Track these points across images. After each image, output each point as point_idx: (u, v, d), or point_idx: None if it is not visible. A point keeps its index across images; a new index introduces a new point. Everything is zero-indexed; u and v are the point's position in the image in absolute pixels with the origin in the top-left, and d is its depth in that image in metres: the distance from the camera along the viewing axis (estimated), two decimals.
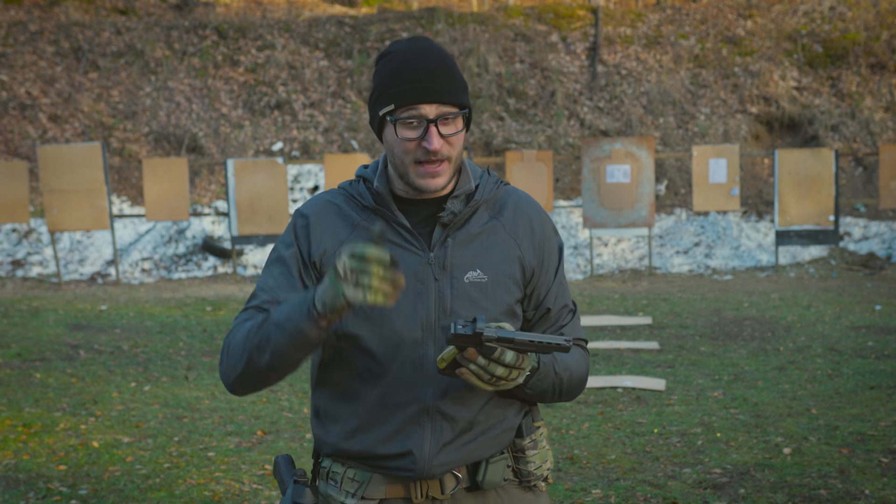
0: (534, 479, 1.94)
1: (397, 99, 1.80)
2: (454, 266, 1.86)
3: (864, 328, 8.46)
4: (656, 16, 18.12)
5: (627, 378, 6.68)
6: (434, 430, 1.83)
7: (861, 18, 17.22)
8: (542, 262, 1.95)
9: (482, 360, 1.69)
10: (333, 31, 17.75)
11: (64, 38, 17.36)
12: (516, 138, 16.05)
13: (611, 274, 13.59)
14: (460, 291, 1.86)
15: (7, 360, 7.71)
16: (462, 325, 1.66)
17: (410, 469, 1.83)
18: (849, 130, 15.92)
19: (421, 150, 1.81)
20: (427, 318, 1.84)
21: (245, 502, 4.43)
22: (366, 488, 1.86)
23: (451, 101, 1.81)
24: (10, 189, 13.17)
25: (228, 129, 16.36)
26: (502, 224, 1.93)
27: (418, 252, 1.86)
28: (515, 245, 1.92)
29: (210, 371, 7.33)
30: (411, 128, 1.81)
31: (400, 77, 1.81)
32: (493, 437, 1.89)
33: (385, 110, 1.82)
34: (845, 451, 4.87)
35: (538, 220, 1.97)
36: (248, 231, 13.25)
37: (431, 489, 1.86)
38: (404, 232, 1.87)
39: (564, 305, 1.99)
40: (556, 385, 1.88)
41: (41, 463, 5.02)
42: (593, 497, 4.36)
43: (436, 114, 1.80)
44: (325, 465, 1.92)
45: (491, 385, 1.73)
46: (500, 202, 1.95)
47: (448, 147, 1.82)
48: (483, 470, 1.88)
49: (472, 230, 1.90)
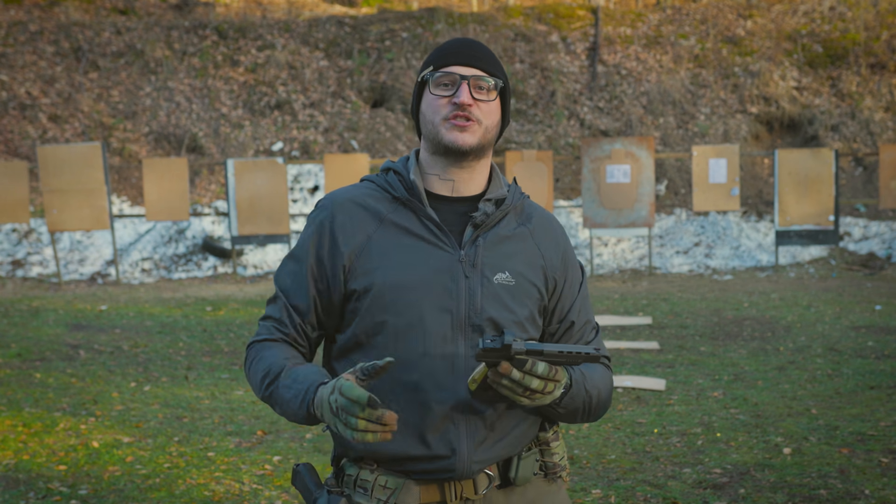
0: (558, 469, 1.95)
1: (436, 61, 1.88)
2: (484, 265, 1.86)
3: (864, 328, 8.46)
4: (656, 16, 18.12)
5: (627, 378, 6.68)
6: (469, 428, 1.82)
7: (861, 18, 17.22)
8: (567, 275, 1.97)
9: (517, 373, 1.67)
10: (333, 31, 17.76)
11: (64, 38, 17.36)
12: (516, 138, 16.05)
13: (611, 274, 13.59)
14: (490, 290, 1.86)
15: (7, 360, 7.71)
16: (490, 340, 1.65)
17: (451, 470, 1.81)
18: (849, 130, 15.92)
19: (451, 105, 1.85)
20: (458, 315, 1.83)
21: (245, 502, 4.43)
22: (398, 495, 1.83)
23: (485, 68, 1.87)
24: (10, 189, 13.17)
25: (228, 129, 16.36)
26: (530, 232, 1.94)
27: (448, 249, 1.86)
28: (540, 255, 1.93)
29: (210, 371, 7.33)
30: (444, 86, 1.86)
31: (442, 48, 1.91)
32: (522, 432, 1.89)
33: (424, 72, 1.89)
34: (845, 451, 4.87)
35: (562, 235, 2.00)
36: (248, 231, 13.25)
37: (465, 490, 1.85)
38: (434, 227, 1.87)
39: (587, 321, 2.00)
40: (586, 404, 1.88)
41: (41, 463, 5.02)
42: (593, 497, 4.36)
43: (470, 73, 1.85)
44: (352, 473, 1.88)
45: (528, 399, 1.73)
46: (527, 212, 1.98)
47: (478, 111, 1.86)
48: (515, 466, 1.88)
49: (501, 233, 1.91)
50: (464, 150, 1.85)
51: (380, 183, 1.93)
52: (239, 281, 13.44)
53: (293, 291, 1.91)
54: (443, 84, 1.86)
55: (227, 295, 11.77)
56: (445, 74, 1.85)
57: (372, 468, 1.85)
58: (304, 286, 1.89)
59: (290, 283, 1.91)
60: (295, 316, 1.91)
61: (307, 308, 1.90)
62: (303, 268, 1.90)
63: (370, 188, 1.93)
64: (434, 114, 1.86)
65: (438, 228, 1.86)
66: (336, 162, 13.52)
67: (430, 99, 1.87)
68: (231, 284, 13.09)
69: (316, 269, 1.89)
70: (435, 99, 1.86)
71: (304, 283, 1.89)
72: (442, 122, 1.85)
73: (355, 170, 13.31)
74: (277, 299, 1.93)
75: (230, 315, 10.03)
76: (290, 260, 1.93)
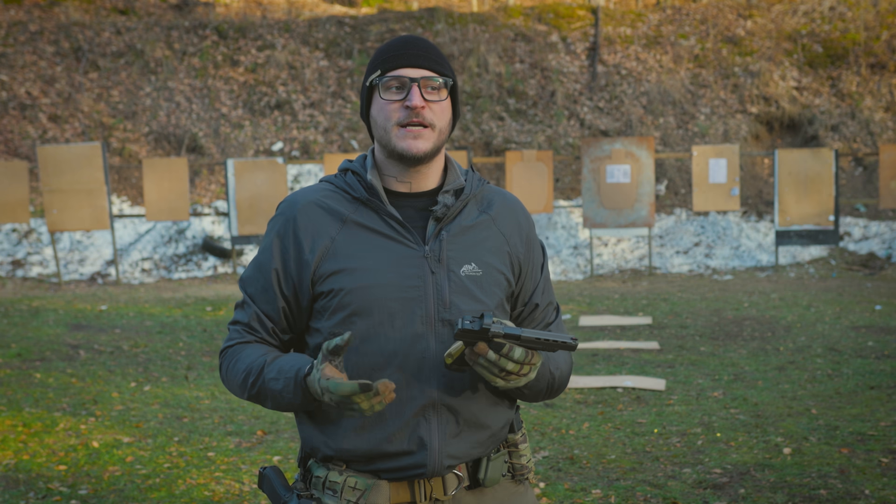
0: (525, 471, 1.96)
1: (382, 64, 1.85)
2: (450, 259, 1.86)
3: (864, 328, 8.46)
4: (656, 16, 18.13)
5: (627, 378, 6.68)
6: (441, 423, 1.83)
7: (861, 18, 17.22)
8: (530, 258, 1.97)
9: (492, 354, 1.70)
10: (333, 31, 17.76)
11: (64, 38, 17.36)
12: (516, 138, 16.05)
13: (611, 274, 13.59)
14: (457, 284, 1.86)
15: (7, 360, 7.71)
16: (469, 321, 1.68)
17: (422, 465, 1.81)
18: (849, 130, 15.92)
19: (403, 110, 1.83)
20: (427, 312, 1.83)
21: (245, 502, 4.43)
22: (368, 495, 1.83)
23: (433, 67, 1.85)
24: (10, 189, 13.17)
25: (228, 129, 16.36)
26: (492, 218, 1.94)
27: (413, 245, 1.86)
28: (504, 240, 1.93)
29: (210, 371, 7.33)
30: (395, 90, 1.84)
31: (386, 50, 1.88)
32: (493, 433, 1.89)
33: (372, 76, 1.86)
34: (845, 451, 4.87)
35: (524, 217, 1.99)
36: (247, 231, 13.26)
37: (435, 490, 1.85)
38: (396, 224, 1.86)
39: (550, 303, 2.01)
40: (549, 383, 1.90)
41: (41, 463, 5.02)
42: (593, 497, 4.36)
43: (419, 75, 1.83)
44: (320, 475, 1.86)
45: (502, 380, 1.75)
46: (487, 198, 1.97)
47: (431, 113, 1.84)
48: (485, 467, 1.88)
49: (463, 223, 1.90)
50: (418, 157, 1.84)
51: (339, 184, 1.92)
52: None
53: (260, 297, 1.90)
54: (392, 88, 1.84)
55: (227, 295, 11.77)
56: (394, 78, 1.83)
57: (340, 469, 1.85)
58: (272, 291, 1.89)
59: (256, 289, 1.91)
60: (266, 321, 1.91)
61: (276, 313, 1.90)
62: (268, 273, 1.89)
63: (330, 189, 1.92)
64: (386, 120, 1.84)
65: (401, 226, 1.86)
66: (336, 162, 13.52)
67: (380, 104, 1.85)
68: (231, 284, 13.09)
69: (282, 273, 1.88)
70: (386, 104, 1.84)
71: (270, 287, 1.89)
72: (394, 128, 1.84)
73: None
74: (246, 305, 1.92)
75: (230, 315, 10.03)
76: (255, 265, 1.92)
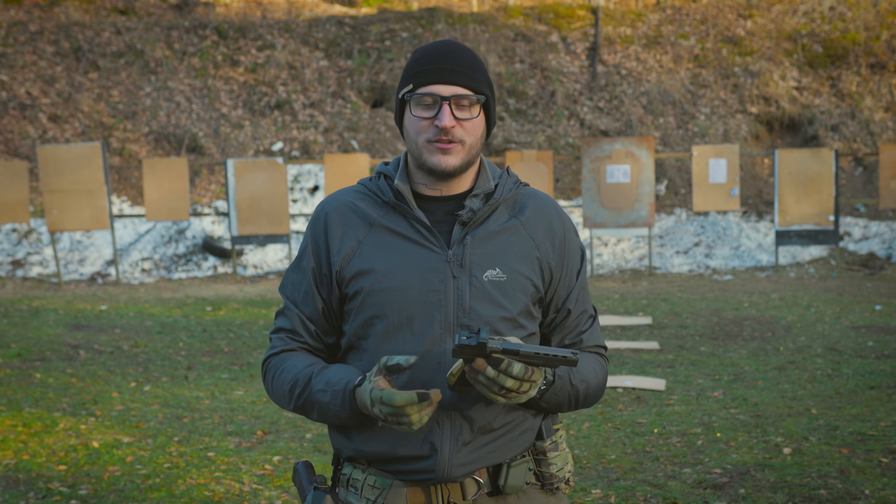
0: (556, 481, 1.92)
1: (415, 79, 1.84)
2: (473, 264, 1.86)
3: (864, 328, 8.46)
4: (656, 16, 18.13)
5: (627, 378, 6.68)
6: (453, 429, 1.82)
7: (861, 18, 17.22)
8: (564, 263, 1.94)
9: (491, 371, 1.67)
10: (333, 31, 17.75)
11: (64, 38, 17.36)
12: (516, 138, 16.05)
13: (611, 274, 13.59)
14: (479, 290, 1.85)
15: (7, 360, 7.71)
16: (466, 337, 1.65)
17: (431, 471, 1.81)
18: (849, 130, 15.92)
19: (433, 128, 1.82)
20: (446, 317, 1.83)
21: (245, 502, 4.43)
22: (386, 495, 1.84)
23: (466, 84, 1.83)
24: (10, 189, 13.17)
25: (228, 129, 16.36)
26: (522, 223, 1.92)
27: (436, 250, 1.86)
28: (534, 245, 1.91)
29: (210, 371, 7.33)
30: (425, 106, 1.83)
31: (419, 61, 1.86)
32: (513, 438, 1.87)
33: (404, 90, 1.86)
34: (845, 451, 4.87)
35: (559, 221, 1.96)
36: (247, 231, 13.26)
37: (453, 494, 1.84)
38: (422, 229, 1.87)
39: (584, 310, 1.98)
40: (571, 396, 1.87)
41: (41, 463, 5.02)
42: (593, 497, 4.36)
43: (450, 93, 1.82)
44: (346, 472, 1.90)
45: (503, 397, 1.72)
46: (521, 202, 1.95)
47: (461, 130, 1.83)
48: (505, 473, 1.86)
49: (491, 228, 1.89)
50: (447, 172, 1.84)
51: (371, 187, 1.94)
52: (239, 281, 13.44)
53: (301, 300, 1.92)
54: (423, 105, 1.84)
55: (227, 295, 11.77)
56: (425, 95, 1.83)
57: (363, 467, 1.87)
58: (311, 294, 1.91)
59: (297, 293, 1.93)
60: (309, 324, 1.93)
61: (317, 314, 1.92)
62: (306, 276, 1.92)
63: (363, 192, 1.95)
64: (417, 134, 1.85)
65: (427, 230, 1.86)
66: (336, 162, 13.52)
67: (411, 119, 1.85)
68: (231, 284, 13.09)
69: (318, 273, 1.91)
70: (417, 120, 1.84)
71: (310, 290, 1.91)
72: (425, 143, 1.84)
73: (355, 170, 13.31)
74: (287, 310, 1.94)
75: (230, 315, 10.03)
76: (294, 269, 1.95)
